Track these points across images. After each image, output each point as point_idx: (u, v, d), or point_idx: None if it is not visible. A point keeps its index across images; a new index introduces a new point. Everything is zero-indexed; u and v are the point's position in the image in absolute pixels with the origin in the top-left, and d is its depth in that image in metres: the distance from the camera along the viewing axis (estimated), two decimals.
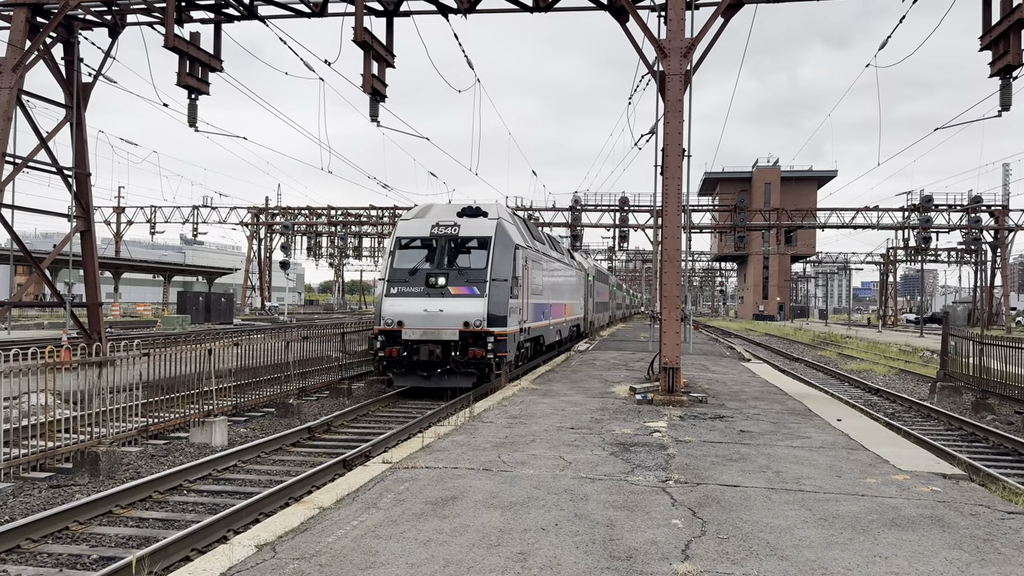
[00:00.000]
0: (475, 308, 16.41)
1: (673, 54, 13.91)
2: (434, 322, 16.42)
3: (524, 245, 18.90)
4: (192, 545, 6.75)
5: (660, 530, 5.98)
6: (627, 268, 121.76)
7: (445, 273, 16.87)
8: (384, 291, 17.22)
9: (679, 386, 13.71)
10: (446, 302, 16.53)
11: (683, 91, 13.92)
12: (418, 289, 16.78)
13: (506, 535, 5.81)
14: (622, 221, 65.76)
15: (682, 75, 13.88)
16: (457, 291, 16.64)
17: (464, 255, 17.16)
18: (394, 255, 17.65)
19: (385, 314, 16.78)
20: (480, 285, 16.65)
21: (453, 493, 7.08)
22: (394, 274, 17.28)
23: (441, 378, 16.52)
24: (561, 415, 11.93)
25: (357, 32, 16.18)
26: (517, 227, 19.49)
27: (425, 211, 18.49)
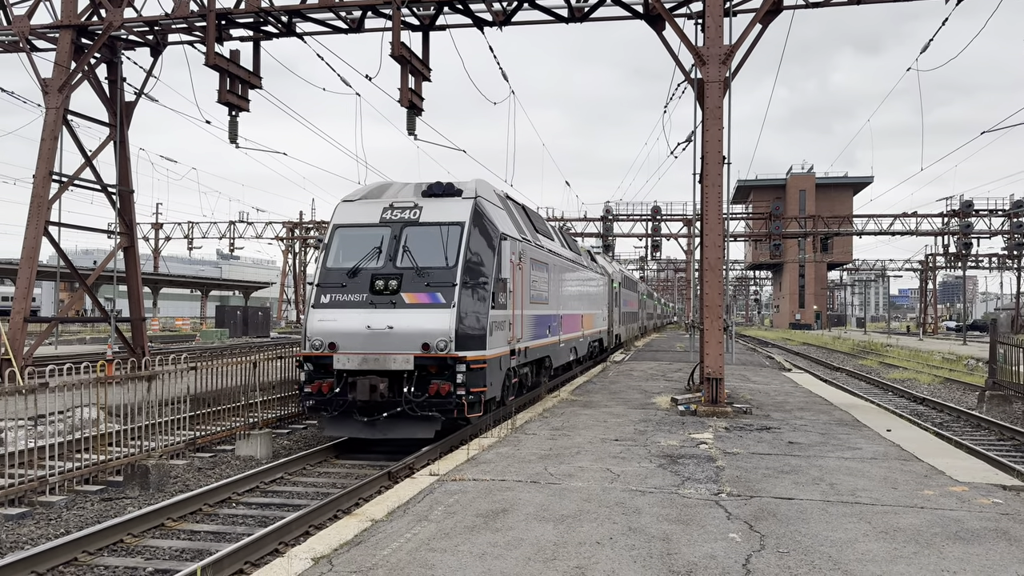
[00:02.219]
0: (438, 323, 11.58)
1: (712, 61, 13.83)
2: (379, 344, 11.57)
3: (516, 237, 14.25)
4: (245, 558, 6.79)
5: (718, 544, 5.89)
6: (659, 277, 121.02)
7: (397, 274, 12.04)
8: (312, 300, 12.33)
9: (723, 397, 13.55)
10: (398, 315, 11.70)
11: (722, 98, 13.82)
12: (359, 297, 12.00)
13: (561, 549, 5.76)
14: (654, 230, 65.41)
15: (721, 82, 13.79)
16: (413, 299, 11.85)
17: (426, 249, 12.37)
18: (329, 249, 12.86)
19: (312, 332, 11.97)
20: (446, 290, 11.86)
21: (503, 506, 7.04)
22: (327, 276, 12.43)
23: (389, 425, 11.57)
24: (604, 427, 11.85)
25: (395, 47, 16.31)
26: (508, 213, 14.85)
27: (379, 190, 13.92)
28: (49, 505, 9.02)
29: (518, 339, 14.12)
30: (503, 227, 13.46)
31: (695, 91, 14.66)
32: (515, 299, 13.91)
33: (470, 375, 11.57)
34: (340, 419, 11.76)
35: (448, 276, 12.03)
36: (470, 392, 11.56)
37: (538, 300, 16.34)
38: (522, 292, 14.50)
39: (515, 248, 13.94)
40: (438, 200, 13.12)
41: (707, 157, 14.04)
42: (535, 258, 16.09)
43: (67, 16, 18.27)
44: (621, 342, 35.79)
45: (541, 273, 16.75)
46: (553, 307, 18.19)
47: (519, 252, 14.31)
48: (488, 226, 12.93)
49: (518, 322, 14.12)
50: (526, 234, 15.70)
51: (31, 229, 18.15)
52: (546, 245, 18.03)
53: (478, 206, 12.96)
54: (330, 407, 11.67)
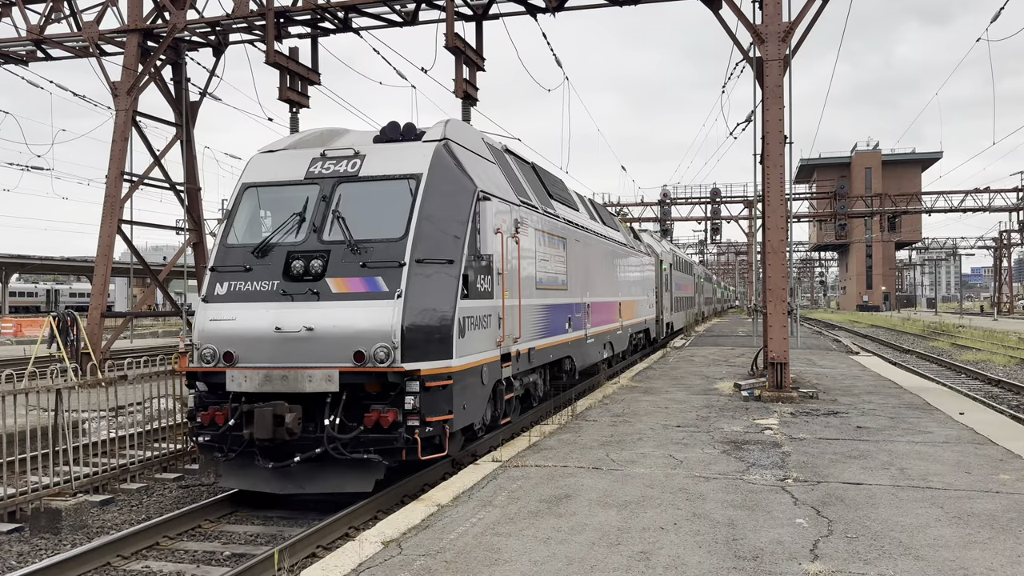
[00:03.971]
0: (376, 321, 8.08)
1: (771, 39, 13.56)
2: (293, 353, 8.14)
3: (508, 199, 10.68)
4: (317, 542, 7.00)
5: (784, 529, 5.85)
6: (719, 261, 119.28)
7: (323, 252, 8.57)
8: (205, 291, 8.96)
9: (788, 381, 13.35)
10: (321, 311, 8.20)
11: (782, 76, 13.55)
12: (268, 286, 8.54)
13: (625, 534, 5.80)
14: (714, 213, 64.44)
15: (781, 60, 13.52)
16: (343, 287, 8.35)
17: (366, 215, 8.85)
18: (231, 219, 9.41)
19: (201, 337, 8.57)
20: (390, 273, 8.30)
21: (566, 491, 7.10)
22: (225, 256, 9.03)
23: (308, 474, 8.17)
24: (665, 413, 11.80)
25: (448, 38, 16.39)
26: (501, 168, 11.34)
27: (316, 137, 10.43)
28: (130, 492, 9.43)
29: (515, 338, 10.57)
30: (484, 183, 9.76)
31: (754, 70, 14.39)
32: (510, 283, 10.36)
33: (427, 397, 7.99)
34: (241, 463, 8.29)
35: (394, 252, 8.36)
36: (427, 422, 7.98)
37: (550, 284, 12.72)
38: (520, 274, 10.89)
39: (506, 214, 10.38)
40: (389, 146, 9.60)
41: (768, 137, 13.79)
42: (545, 230, 12.54)
43: (133, 20, 18.85)
44: (674, 331, 32.20)
45: (555, 250, 13.17)
46: (575, 293, 14.55)
47: (515, 220, 10.69)
48: (459, 181, 9.25)
49: (513, 315, 10.50)
50: (529, 198, 12.09)
51: (105, 228, 18.85)
52: (564, 215, 14.45)
53: (444, 152, 9.34)
54: (228, 445, 8.13)
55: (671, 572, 4.97)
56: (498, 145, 12.25)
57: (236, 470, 8.44)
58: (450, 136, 9.80)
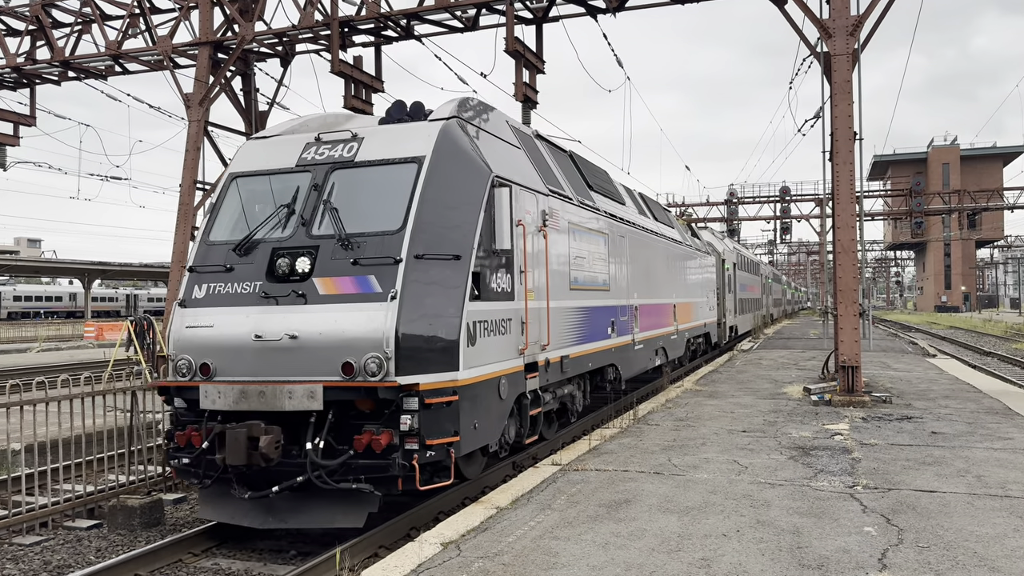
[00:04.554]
0: (366, 327, 7.06)
1: (838, 33, 13.21)
2: (274, 365, 7.22)
3: (530, 186, 9.54)
4: (380, 542, 7.12)
5: (852, 538, 5.69)
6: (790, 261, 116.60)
7: (311, 248, 7.63)
8: (182, 294, 8.03)
9: (859, 385, 12.97)
10: (306, 315, 7.24)
11: (851, 72, 13.19)
12: (249, 287, 7.62)
13: (686, 540, 5.72)
14: (783, 212, 63.05)
15: (849, 55, 13.16)
16: (332, 288, 7.37)
17: (361, 205, 7.90)
18: (215, 213, 8.52)
19: (176, 346, 7.71)
20: (384, 271, 7.30)
21: (626, 496, 7.05)
22: (206, 255, 8.15)
23: (291, 506, 7.24)
24: (731, 417, 11.60)
25: (508, 42, 16.48)
26: (526, 153, 10.27)
27: (314, 122, 9.40)
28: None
29: (542, 345, 9.56)
30: (502, 168, 8.76)
31: (822, 66, 14.07)
32: (535, 283, 9.39)
33: (427, 416, 6.93)
34: (219, 491, 7.38)
35: (389, 247, 7.33)
36: (427, 446, 6.92)
37: (588, 284, 11.64)
38: (549, 272, 9.81)
39: (531, 204, 9.40)
40: (391, 128, 8.60)
41: (836, 134, 13.44)
42: (582, 224, 11.44)
43: (204, 34, 19.48)
44: (738, 334, 30.38)
45: (594, 246, 12.04)
46: (619, 294, 13.40)
47: (542, 212, 9.74)
48: (469, 164, 8.21)
49: (539, 319, 9.47)
50: (562, 188, 10.99)
51: (179, 235, 19.52)
52: (607, 208, 13.23)
53: (452, 132, 8.27)
54: (204, 471, 7.23)
55: None
56: (527, 129, 11.18)
57: (214, 499, 7.49)
58: (462, 115, 8.74)
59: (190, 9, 19.57)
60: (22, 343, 46.31)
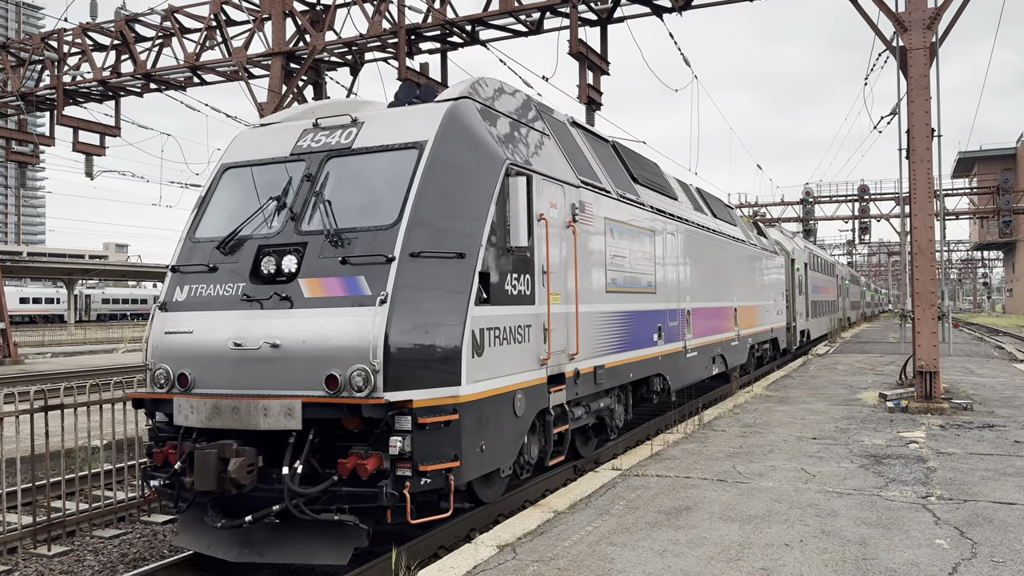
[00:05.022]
0: (352, 334, 6.21)
1: (915, 27, 12.76)
2: (253, 376, 6.43)
3: (558, 176, 8.53)
4: (440, 543, 7.17)
5: (921, 550, 5.47)
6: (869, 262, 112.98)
7: (299, 246, 6.80)
8: (163, 296, 7.24)
9: (938, 391, 12.48)
10: (291, 320, 6.43)
11: (928, 66, 12.72)
12: (231, 289, 6.83)
13: (746, 550, 5.60)
14: (862, 212, 61.13)
15: (926, 49, 12.69)
16: (318, 289, 6.53)
17: (355, 197, 7.03)
18: (202, 207, 7.75)
19: (154, 352, 6.96)
20: (374, 271, 6.42)
21: (686, 503, 6.94)
22: (191, 253, 7.36)
23: (268, 537, 6.46)
24: (801, 424, 11.31)
25: (572, 44, 16.47)
26: (555, 141, 9.23)
27: (312, 109, 8.51)
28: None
29: (570, 355, 8.53)
30: (521, 155, 7.81)
31: (897, 60, 13.60)
32: (562, 284, 8.37)
33: (422, 438, 6.05)
34: (198, 516, 6.62)
35: (382, 244, 6.45)
36: (421, 472, 6.05)
37: (629, 287, 10.65)
38: (579, 273, 8.82)
39: (558, 196, 8.38)
40: (395, 111, 7.72)
41: (913, 131, 12.98)
42: (622, 220, 10.47)
43: (277, 44, 20.04)
44: (810, 339, 28.89)
45: (637, 244, 11.02)
46: (667, 297, 12.32)
47: (572, 205, 8.75)
48: (478, 149, 7.26)
49: (566, 325, 8.48)
50: (598, 179, 9.97)
51: None
52: (654, 203, 12.14)
53: (460, 114, 7.35)
54: (177, 493, 6.50)
55: None
56: (560, 116, 10.19)
57: (191, 525, 6.72)
58: (476, 95, 7.83)
59: (263, 21, 20.17)
60: (109, 344, 48.50)
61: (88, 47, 22.66)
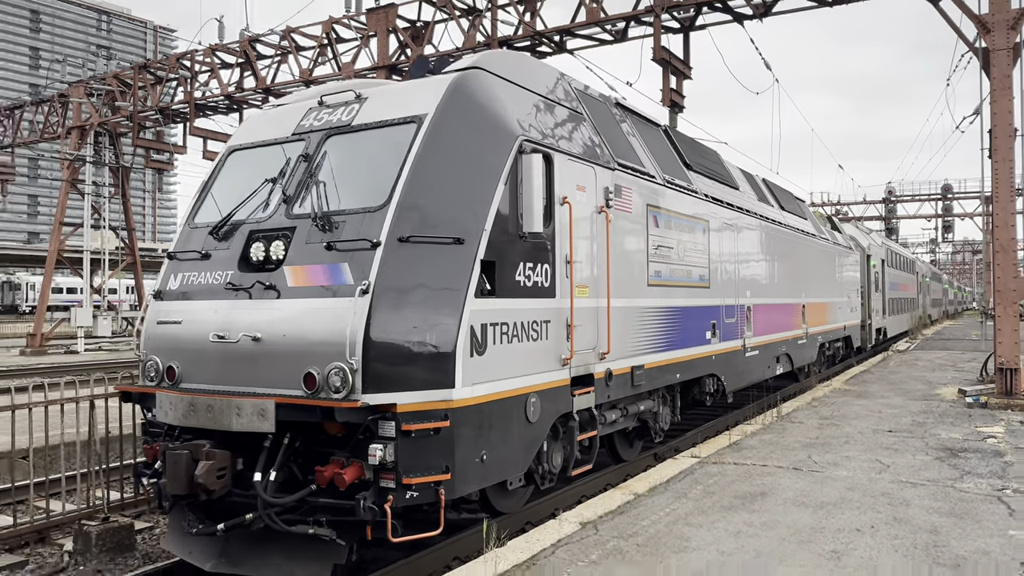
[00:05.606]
0: (331, 328, 5.29)
1: (998, 27, 12.17)
2: (233, 371, 5.66)
3: (584, 156, 7.42)
4: (528, 518, 7.35)
5: (993, 540, 5.33)
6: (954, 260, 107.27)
7: (287, 231, 5.91)
8: (157, 284, 6.57)
9: (1019, 388, 11.90)
10: (273, 310, 5.59)
11: (1011, 67, 12.11)
12: (220, 276, 6.03)
13: (818, 533, 5.57)
14: (945, 210, 58.22)
15: (1009, 49, 12.09)
16: (302, 277, 5.62)
17: (348, 177, 6.10)
18: (204, 192, 7.00)
19: (145, 343, 6.35)
20: (358, 257, 5.46)
21: (761, 489, 6.91)
22: (187, 239, 6.63)
23: (245, 547, 5.70)
24: (878, 417, 10.99)
25: (656, 51, 16.40)
26: (584, 116, 8.06)
27: (324, 88, 7.40)
28: None
29: (601, 353, 7.42)
30: (538, 130, 6.75)
31: (980, 61, 12.99)
32: (590, 275, 7.27)
33: (406, 447, 5.16)
34: (179, 520, 5.94)
35: (369, 227, 5.54)
36: (406, 485, 5.15)
37: (677, 280, 9.45)
38: (612, 264, 7.64)
39: (584, 178, 7.25)
40: (400, 85, 6.93)
41: (996, 131, 12.38)
42: (669, 208, 9.24)
43: (382, 58, 20.64)
44: (886, 337, 26.81)
45: (688, 234, 9.81)
46: (724, 292, 11.07)
47: (604, 188, 7.60)
48: (485, 123, 6.30)
49: (594, 321, 7.33)
50: (639, 163, 8.72)
51: None
52: (708, 191, 10.84)
53: (466, 86, 6.36)
54: (159, 495, 5.89)
55: (861, 572, 4.74)
56: (598, 95, 8.88)
57: (176, 526, 5.99)
58: (487, 66, 6.73)
59: (369, 38, 20.83)
60: None
61: (216, 65, 23.88)
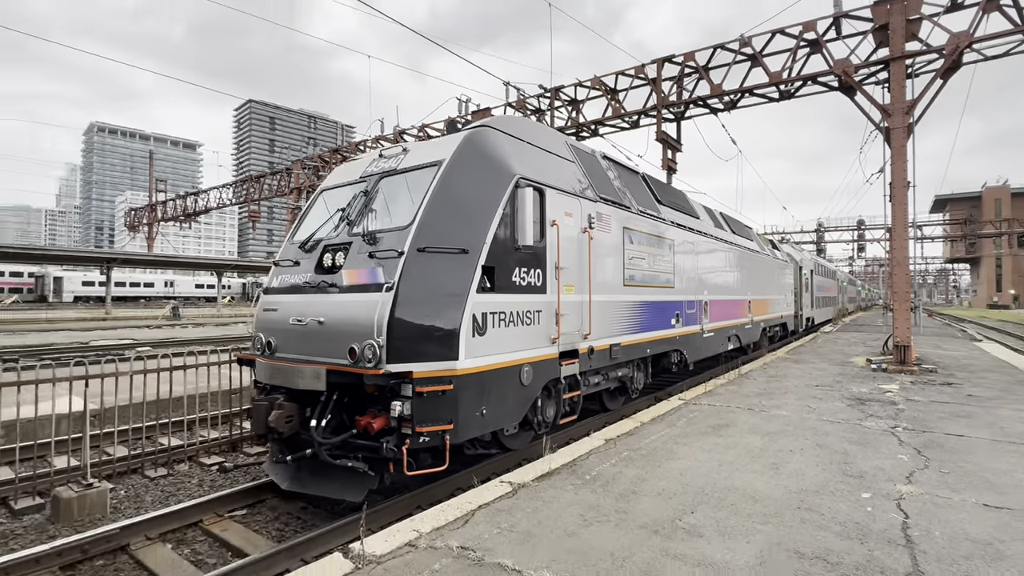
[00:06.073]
0: (367, 314, 4.90)
1: (896, 112, 11.49)
2: (307, 345, 5.29)
3: (570, 190, 6.70)
4: (570, 436, 7.38)
5: (887, 461, 5.09)
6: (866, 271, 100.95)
7: (344, 245, 5.55)
8: (267, 281, 6.17)
9: (911, 359, 11.20)
10: (333, 302, 5.22)
11: (906, 139, 11.42)
12: (304, 278, 5.65)
13: (764, 452, 5.43)
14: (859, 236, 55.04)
15: (904, 128, 11.40)
16: (353, 278, 5.22)
17: (391, 207, 5.64)
18: (301, 219, 6.60)
19: (256, 325, 5.91)
20: (389, 263, 5.04)
21: (726, 422, 6.75)
22: (287, 251, 6.22)
23: (310, 474, 5.28)
24: (808, 377, 10.51)
25: (658, 133, 16.11)
26: (575, 163, 7.30)
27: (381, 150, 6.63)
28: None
29: (584, 334, 6.70)
30: (533, 172, 6.14)
31: (883, 135, 12.28)
32: (575, 278, 6.57)
33: (420, 404, 4.83)
34: (271, 453, 5.69)
35: (398, 241, 5.18)
36: (419, 432, 4.83)
37: (647, 282, 8.57)
38: (593, 269, 6.94)
39: (570, 206, 6.57)
40: (433, 140, 6.32)
41: (894, 182, 11.69)
42: (641, 229, 8.38)
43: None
44: (814, 324, 24.96)
45: (655, 249, 8.86)
46: (685, 291, 10.03)
47: (587, 215, 6.89)
48: (489, 166, 5.79)
49: (579, 311, 6.62)
50: (617, 197, 7.89)
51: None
52: (673, 218, 9.80)
53: (476, 139, 5.93)
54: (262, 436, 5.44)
55: (793, 478, 4.61)
56: (588, 149, 8.14)
57: (272, 463, 5.60)
58: (496, 125, 6.27)
59: None
60: None
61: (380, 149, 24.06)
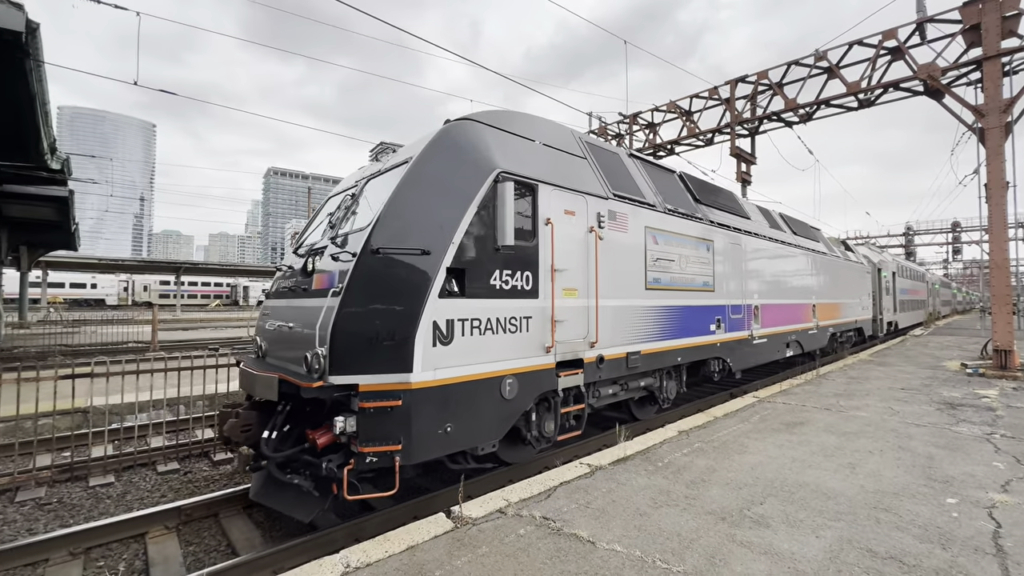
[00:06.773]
0: (319, 321, 4.00)
1: (991, 113, 9.77)
2: (281, 351, 4.49)
3: (569, 186, 5.13)
4: (647, 426, 7.06)
5: (979, 468, 4.34)
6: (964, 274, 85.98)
7: (323, 248, 4.52)
8: (269, 286, 5.41)
9: (1013, 364, 9.40)
10: (299, 306, 4.42)
11: (1004, 140, 9.68)
12: (290, 282, 4.82)
13: (839, 451, 4.88)
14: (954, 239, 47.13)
15: (1001, 127, 9.67)
16: (318, 282, 4.32)
17: (366, 208, 4.49)
18: (310, 222, 5.58)
19: (256, 327, 5.26)
20: (344, 267, 4.08)
21: (801, 420, 6.13)
22: (288, 256, 5.42)
23: (272, 489, 4.32)
24: (893, 379, 9.18)
25: (732, 149, 15.10)
26: (585, 159, 5.65)
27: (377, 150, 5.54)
28: None
29: (590, 342, 5.25)
30: (521, 166, 4.83)
31: (977, 136, 10.50)
32: (580, 280, 5.21)
33: (364, 421, 3.85)
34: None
35: (355, 243, 4.24)
36: (364, 452, 3.84)
37: (676, 285, 6.66)
38: (601, 271, 5.46)
39: (573, 204, 5.22)
40: (417, 137, 5.23)
41: (991, 183, 9.95)
42: (667, 228, 6.55)
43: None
44: (898, 328, 21.41)
45: (689, 250, 6.96)
46: (729, 295, 7.89)
47: (596, 213, 5.47)
48: (463, 159, 4.56)
49: (583, 317, 5.20)
50: (638, 194, 6.22)
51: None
52: (715, 218, 7.82)
53: (451, 132, 4.72)
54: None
55: (869, 479, 4.10)
56: (608, 146, 6.39)
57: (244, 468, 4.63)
58: (480, 118, 4.95)
59: None
60: None
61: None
